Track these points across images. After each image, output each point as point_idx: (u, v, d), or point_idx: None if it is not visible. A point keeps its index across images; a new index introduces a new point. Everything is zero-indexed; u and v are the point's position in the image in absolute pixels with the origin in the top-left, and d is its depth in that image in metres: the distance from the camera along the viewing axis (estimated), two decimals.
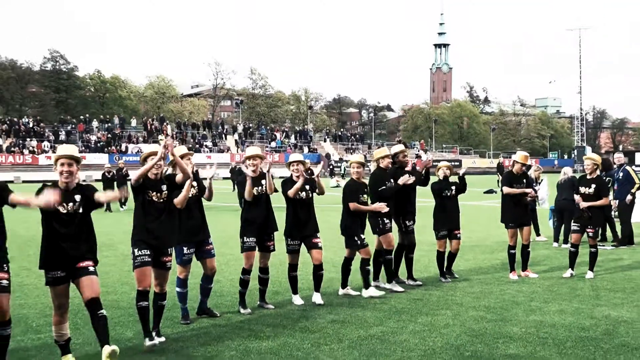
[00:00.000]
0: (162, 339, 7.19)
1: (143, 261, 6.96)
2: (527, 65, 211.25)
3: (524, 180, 10.81)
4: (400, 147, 10.71)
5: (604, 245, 14.52)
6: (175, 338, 7.31)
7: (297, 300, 8.93)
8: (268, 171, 8.41)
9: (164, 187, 7.09)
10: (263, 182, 8.44)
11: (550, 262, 12.15)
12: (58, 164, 6.21)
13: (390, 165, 9.85)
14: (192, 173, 7.57)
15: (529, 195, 10.67)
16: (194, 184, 7.87)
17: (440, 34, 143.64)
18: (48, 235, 6.22)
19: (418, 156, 70.16)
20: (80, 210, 6.25)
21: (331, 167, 61.17)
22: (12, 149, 61.79)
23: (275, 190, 8.62)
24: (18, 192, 5.94)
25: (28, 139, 64.89)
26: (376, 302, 8.96)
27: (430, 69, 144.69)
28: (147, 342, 6.86)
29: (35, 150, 62.75)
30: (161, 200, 7.07)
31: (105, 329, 6.09)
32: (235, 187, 23.11)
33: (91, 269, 6.26)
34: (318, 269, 8.91)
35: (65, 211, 6.16)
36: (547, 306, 8.68)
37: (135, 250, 6.99)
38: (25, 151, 62.20)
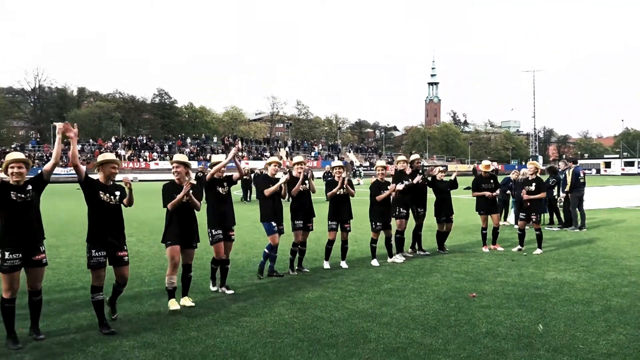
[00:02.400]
0: (232, 291, 7.26)
1: (219, 238, 7.10)
2: (495, 96, 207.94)
3: (491, 181, 10.70)
4: (416, 156, 10.66)
5: (552, 227, 14.37)
6: (243, 292, 7.35)
7: (327, 265, 8.90)
8: (309, 173, 8.50)
9: (225, 184, 7.27)
10: (306, 182, 8.46)
11: (513, 240, 11.92)
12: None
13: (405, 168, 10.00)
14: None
15: (490, 195, 10.57)
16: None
17: (432, 75, 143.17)
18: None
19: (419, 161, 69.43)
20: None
21: (354, 170, 61.10)
22: (132, 157, 63.12)
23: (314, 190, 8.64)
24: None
25: (142, 151, 66.19)
26: (386, 267, 8.90)
27: (425, 100, 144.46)
28: (212, 288, 7.39)
29: (147, 158, 63.97)
30: (224, 192, 7.20)
31: (188, 283, 6.59)
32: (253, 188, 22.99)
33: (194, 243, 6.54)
34: (344, 244, 8.91)
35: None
36: (510, 271, 8.52)
37: (213, 230, 7.11)
38: (141, 159, 63.43)
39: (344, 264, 8.91)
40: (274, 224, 8.02)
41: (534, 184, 10.42)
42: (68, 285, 7.70)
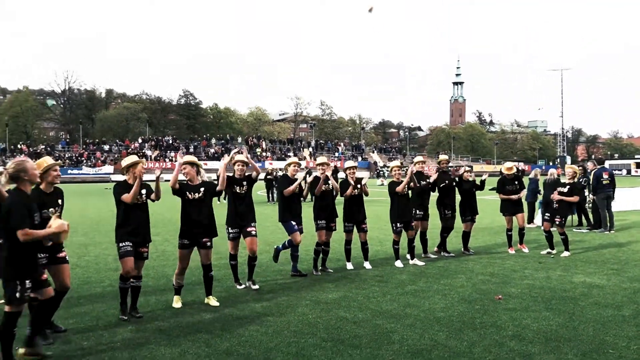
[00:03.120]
0: (257, 286, 7.44)
1: (235, 236, 7.39)
2: (521, 95, 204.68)
3: (516, 182, 10.48)
4: (445, 156, 10.63)
5: (580, 229, 14.07)
6: (267, 291, 7.38)
7: (350, 266, 8.88)
8: (332, 174, 8.56)
9: (245, 183, 7.42)
10: (329, 182, 8.46)
11: (540, 242, 11.72)
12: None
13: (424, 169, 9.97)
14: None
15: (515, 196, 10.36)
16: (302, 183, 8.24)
17: (457, 75, 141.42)
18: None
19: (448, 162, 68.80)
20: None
21: (378, 171, 60.74)
22: (158, 157, 64.04)
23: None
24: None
25: (168, 151, 67.09)
26: (410, 268, 8.84)
27: (450, 100, 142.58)
28: (238, 287, 7.45)
29: (173, 158, 64.84)
30: (241, 192, 7.36)
31: (210, 283, 6.66)
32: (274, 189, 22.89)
33: (208, 243, 6.58)
34: (364, 245, 8.89)
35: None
36: (536, 274, 8.38)
37: (229, 228, 7.38)
38: (167, 160, 64.30)
39: (367, 265, 8.88)
40: (293, 223, 8.05)
41: (567, 187, 10.14)
42: (96, 283, 7.86)
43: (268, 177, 25.01)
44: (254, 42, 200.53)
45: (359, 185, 8.75)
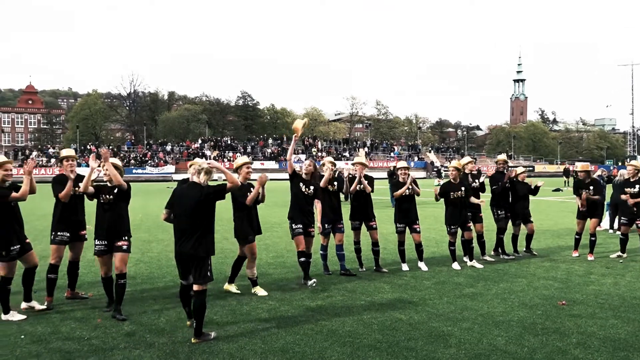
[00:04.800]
0: (314, 279, 7.68)
1: (299, 232, 7.55)
2: (587, 92, 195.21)
3: (591, 187, 9.72)
4: (502, 156, 10.39)
5: None
6: (321, 290, 7.40)
7: (405, 267, 8.78)
8: (361, 176, 8.47)
9: (312, 187, 7.68)
10: (363, 181, 8.52)
11: (606, 246, 11.16)
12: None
13: (475, 171, 9.85)
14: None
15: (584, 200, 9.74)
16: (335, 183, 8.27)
17: (518, 71, 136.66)
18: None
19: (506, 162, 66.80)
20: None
21: (436, 170, 59.74)
22: (217, 158, 65.75)
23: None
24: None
25: (227, 151, 68.79)
26: (467, 270, 8.64)
27: (510, 98, 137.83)
28: (308, 283, 7.58)
29: (232, 158, 66.35)
30: (307, 192, 7.65)
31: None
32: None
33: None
34: (419, 246, 8.80)
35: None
36: (603, 279, 7.98)
37: (293, 224, 7.57)
38: (225, 159, 65.91)
39: (423, 266, 8.76)
40: (325, 225, 8.15)
41: (637, 186, 9.54)
42: (159, 279, 8.16)
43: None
44: (312, 43, 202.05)
45: (410, 186, 8.64)
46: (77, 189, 6.57)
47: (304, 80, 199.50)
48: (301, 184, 7.64)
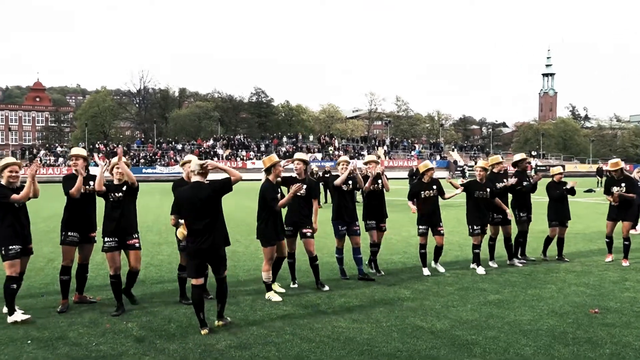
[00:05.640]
0: (327, 287, 7.72)
1: (289, 234, 7.70)
2: (622, 87, 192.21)
3: (622, 184, 9.49)
4: (522, 155, 10.14)
5: None
6: (339, 296, 7.39)
7: (426, 271, 8.71)
8: (382, 172, 8.57)
9: (304, 186, 7.65)
10: (379, 180, 8.52)
11: None
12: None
13: (503, 170, 9.73)
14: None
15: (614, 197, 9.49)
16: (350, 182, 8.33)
17: (547, 65, 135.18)
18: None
19: (528, 162, 66.25)
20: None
21: (460, 169, 59.34)
22: (229, 157, 66.18)
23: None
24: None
25: (240, 150, 69.17)
26: (493, 275, 8.56)
27: (539, 93, 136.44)
28: (323, 288, 7.68)
29: (245, 157, 66.66)
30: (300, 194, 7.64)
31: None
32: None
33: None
34: (440, 249, 8.86)
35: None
36: (639, 285, 7.84)
37: (285, 227, 7.62)
38: (238, 159, 66.30)
39: (440, 268, 8.81)
40: (340, 227, 8.19)
41: None
42: (169, 282, 8.22)
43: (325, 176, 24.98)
44: (328, 38, 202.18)
45: (433, 187, 8.68)
46: (88, 187, 6.74)
47: (319, 77, 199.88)
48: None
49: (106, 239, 6.52)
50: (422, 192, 8.71)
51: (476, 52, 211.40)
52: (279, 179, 7.42)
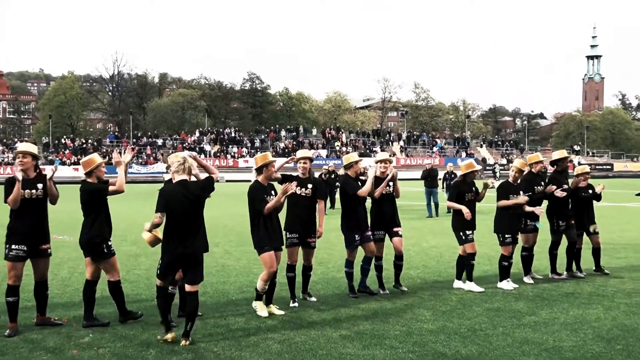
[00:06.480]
0: (314, 298, 8.16)
1: (294, 242, 7.93)
2: None
3: None
4: (563, 152, 10.05)
5: None
6: (347, 317, 7.40)
7: (459, 284, 8.86)
8: (395, 176, 8.60)
9: (310, 186, 7.91)
10: (391, 184, 8.57)
11: None
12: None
13: (543, 170, 9.80)
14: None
15: None
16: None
17: (592, 46, 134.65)
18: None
19: (570, 160, 66.11)
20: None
21: (491, 169, 59.19)
22: (218, 154, 66.18)
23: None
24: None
25: (230, 146, 69.19)
26: (528, 294, 8.57)
27: (583, 79, 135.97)
28: (310, 298, 8.12)
29: (236, 155, 66.69)
30: (303, 194, 7.87)
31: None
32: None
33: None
34: (471, 259, 8.90)
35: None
36: None
37: (287, 234, 7.89)
38: (228, 156, 66.34)
39: (473, 286, 8.80)
40: (356, 236, 8.25)
41: None
42: (148, 301, 8.23)
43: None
44: (334, 17, 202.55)
45: (472, 189, 8.93)
46: (35, 191, 6.62)
47: (324, 62, 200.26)
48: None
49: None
50: (466, 194, 8.76)
51: (508, 30, 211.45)
52: (272, 181, 7.51)
